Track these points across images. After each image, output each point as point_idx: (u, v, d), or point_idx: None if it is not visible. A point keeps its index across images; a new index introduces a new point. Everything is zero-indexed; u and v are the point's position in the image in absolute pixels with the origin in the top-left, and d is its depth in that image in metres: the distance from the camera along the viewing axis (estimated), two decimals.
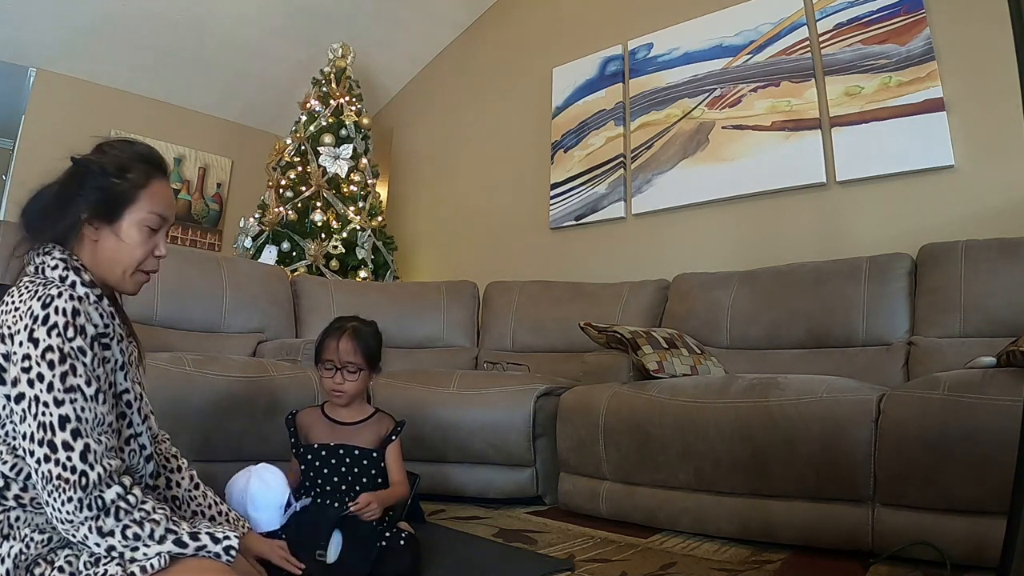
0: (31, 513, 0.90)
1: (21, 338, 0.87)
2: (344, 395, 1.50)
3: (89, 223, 0.98)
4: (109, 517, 0.86)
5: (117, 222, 0.99)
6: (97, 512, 0.86)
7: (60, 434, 0.85)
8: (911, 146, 2.52)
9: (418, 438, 2.15)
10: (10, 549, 0.84)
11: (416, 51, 4.60)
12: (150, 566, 0.87)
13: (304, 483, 1.47)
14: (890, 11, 2.64)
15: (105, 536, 0.86)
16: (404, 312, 3.04)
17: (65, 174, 0.99)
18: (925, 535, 1.38)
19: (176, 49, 4.05)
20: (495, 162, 4.08)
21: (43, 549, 0.87)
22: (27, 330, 0.87)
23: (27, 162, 3.85)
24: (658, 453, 1.82)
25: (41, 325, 0.87)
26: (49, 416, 0.85)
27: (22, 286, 0.93)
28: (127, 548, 0.86)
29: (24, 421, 0.85)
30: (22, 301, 0.90)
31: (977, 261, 2.09)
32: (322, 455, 1.47)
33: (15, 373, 0.86)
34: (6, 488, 0.89)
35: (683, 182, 3.15)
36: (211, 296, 2.63)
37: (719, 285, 2.62)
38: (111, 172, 0.99)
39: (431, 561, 1.43)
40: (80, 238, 0.98)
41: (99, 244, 0.99)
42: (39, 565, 0.86)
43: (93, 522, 0.85)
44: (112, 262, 1.00)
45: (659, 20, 3.39)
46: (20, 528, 0.88)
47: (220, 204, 4.70)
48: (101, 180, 0.98)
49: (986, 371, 1.45)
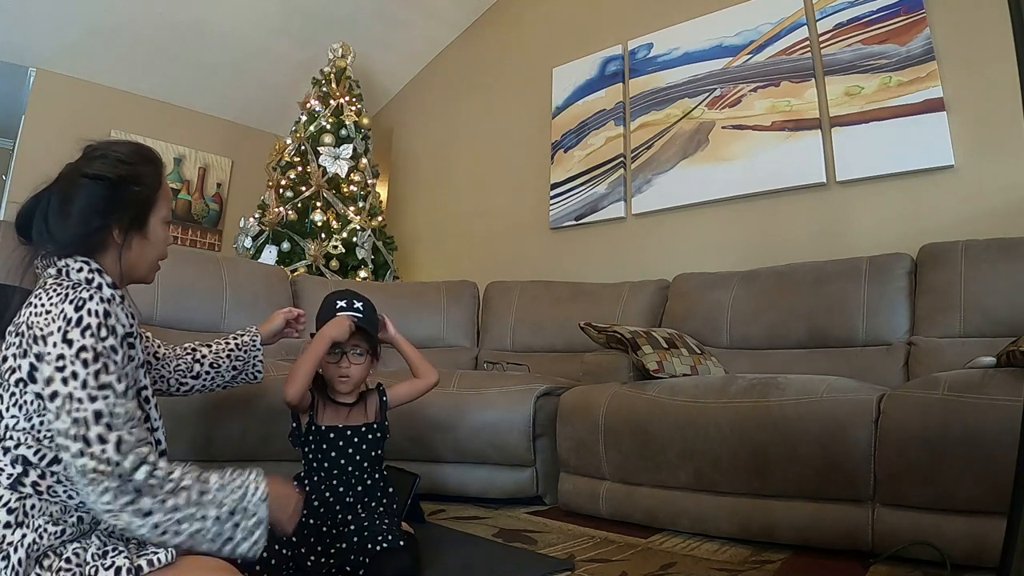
0: (46, 502, 0.92)
1: (55, 339, 0.90)
2: (350, 380, 1.51)
3: (118, 232, 1.03)
4: (144, 498, 0.89)
5: (144, 227, 1.06)
6: (133, 496, 0.89)
7: (95, 428, 0.88)
8: (911, 146, 2.52)
9: (418, 438, 2.15)
10: (23, 538, 0.86)
11: (416, 51, 4.60)
12: (160, 559, 0.89)
13: (312, 464, 1.48)
14: (890, 11, 2.64)
15: (147, 516, 0.89)
16: (404, 312, 3.04)
17: (80, 187, 1.00)
18: (925, 535, 1.38)
19: (176, 49, 4.05)
20: (495, 162, 4.08)
21: (55, 541, 0.89)
22: (61, 331, 0.90)
23: (27, 162, 3.85)
24: (658, 453, 1.82)
25: (75, 327, 0.90)
26: (84, 412, 0.88)
27: (49, 289, 0.95)
28: (171, 521, 0.90)
29: (59, 418, 0.88)
30: (53, 304, 0.92)
31: (977, 261, 2.09)
32: (331, 437, 1.47)
33: (49, 372, 0.89)
34: (24, 474, 0.91)
35: (683, 182, 3.15)
36: (211, 296, 2.63)
37: (719, 285, 2.62)
38: (131, 181, 1.04)
39: (431, 561, 1.43)
40: (104, 247, 1.03)
41: (128, 247, 1.04)
42: (48, 557, 0.88)
43: (131, 506, 0.89)
44: (142, 260, 1.08)
45: (659, 20, 3.39)
46: (35, 517, 0.89)
47: (220, 204, 4.70)
48: (125, 192, 1.03)
49: (986, 371, 1.45)
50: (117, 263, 1.04)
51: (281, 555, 1.28)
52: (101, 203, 1.00)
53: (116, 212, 1.02)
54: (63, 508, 0.93)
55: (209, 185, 4.65)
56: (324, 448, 1.47)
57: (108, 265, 1.03)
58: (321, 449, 1.47)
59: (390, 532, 1.32)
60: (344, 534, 1.36)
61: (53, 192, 1.00)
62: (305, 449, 1.49)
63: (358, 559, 1.30)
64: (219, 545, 0.94)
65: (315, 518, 1.39)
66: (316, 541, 1.35)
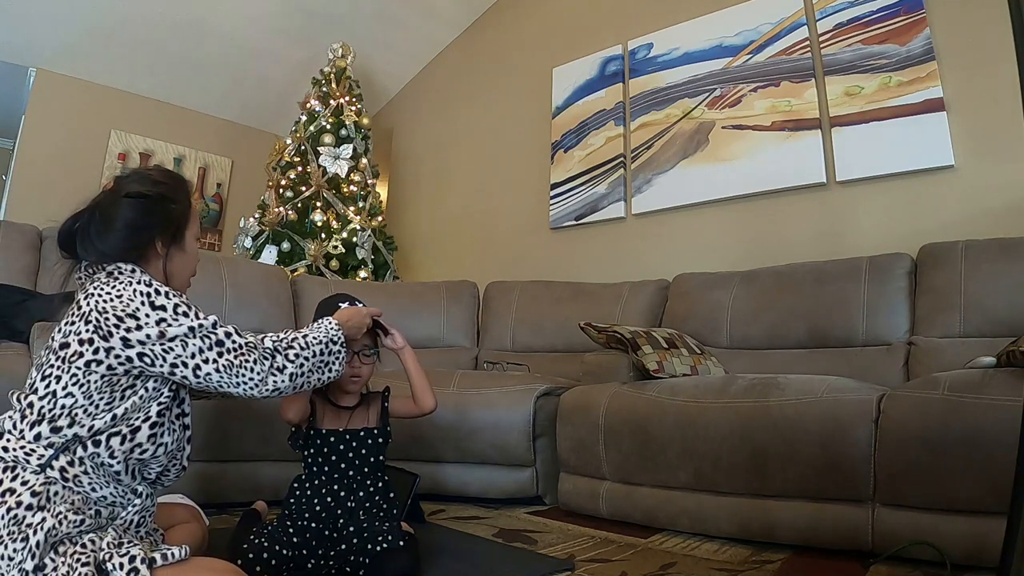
0: (69, 490, 0.96)
1: (144, 311, 1.02)
2: (360, 380, 1.51)
3: (161, 244, 1.13)
4: (278, 356, 1.13)
5: (182, 240, 1.17)
6: (271, 359, 1.12)
7: (219, 332, 1.08)
8: (911, 146, 2.52)
9: (418, 438, 2.15)
10: (43, 521, 0.88)
11: (416, 51, 4.60)
12: (174, 554, 0.92)
13: (312, 468, 1.47)
14: (890, 11, 2.64)
15: (282, 371, 1.13)
16: (404, 312, 3.04)
17: (122, 205, 1.09)
18: (925, 535, 1.38)
19: (176, 49, 4.05)
20: (495, 162, 4.08)
21: (73, 530, 0.91)
22: (146, 304, 1.03)
23: (27, 162, 3.85)
24: (658, 453, 1.82)
25: (156, 295, 1.04)
26: (204, 330, 1.06)
27: (106, 283, 1.04)
28: (296, 366, 1.15)
29: (187, 348, 1.04)
30: (120, 291, 1.03)
31: (977, 261, 2.09)
32: (331, 441, 1.46)
33: (154, 332, 1.01)
34: (55, 458, 0.96)
35: (683, 182, 3.15)
36: (211, 296, 2.63)
37: (719, 285, 2.62)
38: (169, 199, 1.14)
39: (431, 561, 1.43)
40: (148, 258, 1.13)
41: (169, 260, 1.15)
42: (64, 544, 0.90)
43: (273, 367, 1.12)
44: (181, 271, 1.19)
45: (659, 20, 3.39)
46: (56, 503, 0.93)
47: (220, 204, 4.70)
48: (164, 208, 1.13)
49: (986, 371, 1.45)
50: (161, 273, 1.13)
51: (282, 556, 1.28)
52: (144, 218, 1.10)
53: (158, 226, 1.12)
54: (84, 499, 0.97)
55: (209, 185, 4.65)
56: (325, 452, 1.46)
57: (153, 275, 1.10)
58: (322, 453, 1.46)
59: (390, 532, 1.32)
60: (344, 536, 1.36)
61: (95, 211, 1.09)
62: (305, 452, 1.48)
63: (358, 559, 1.30)
64: (324, 373, 1.22)
65: (316, 522, 1.38)
66: (317, 544, 1.35)
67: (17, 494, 0.90)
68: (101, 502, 1.00)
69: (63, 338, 1.01)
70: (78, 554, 0.88)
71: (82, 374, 0.99)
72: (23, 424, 0.97)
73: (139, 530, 1.07)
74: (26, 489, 0.91)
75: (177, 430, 1.12)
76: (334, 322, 1.27)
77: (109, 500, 1.02)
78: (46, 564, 0.86)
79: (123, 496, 1.04)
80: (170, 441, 1.09)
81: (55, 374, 0.99)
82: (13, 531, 0.87)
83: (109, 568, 0.88)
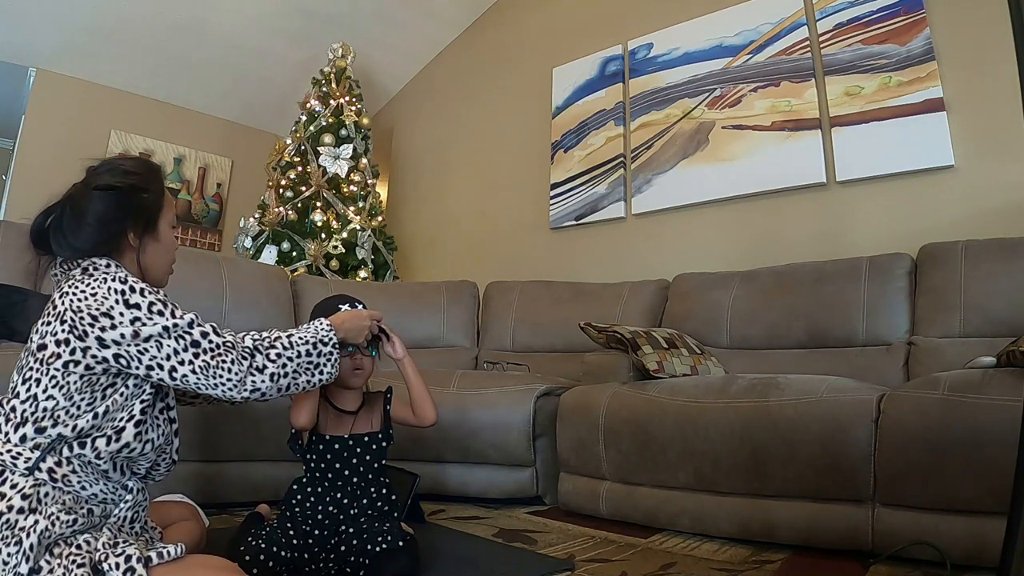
0: (59, 490, 0.95)
1: (119, 309, 0.99)
2: (364, 372, 1.50)
3: (133, 236, 1.10)
4: (258, 355, 1.09)
5: (155, 230, 1.14)
6: (250, 358, 1.08)
7: (193, 334, 1.03)
8: (911, 146, 2.52)
9: (418, 438, 2.14)
10: (35, 524, 0.88)
11: (416, 51, 4.60)
12: (170, 552, 0.92)
13: (314, 474, 1.45)
14: (890, 11, 2.64)
15: (262, 372, 1.08)
16: (404, 312, 3.04)
17: (92, 199, 1.07)
18: (925, 535, 1.38)
19: (176, 49, 4.05)
20: (495, 162, 4.08)
21: (67, 530, 0.91)
22: (120, 302, 1.00)
23: (27, 162, 3.85)
24: (658, 453, 1.82)
25: (131, 293, 1.01)
26: (180, 330, 1.02)
27: (80, 280, 1.01)
28: (278, 366, 1.10)
29: (161, 350, 1.01)
30: (95, 288, 1.00)
31: (977, 261, 2.09)
32: (335, 448, 1.45)
33: (128, 331, 0.99)
34: (42, 460, 0.95)
35: (683, 182, 3.15)
36: (211, 296, 2.63)
37: (719, 285, 2.62)
38: (140, 189, 1.11)
39: (431, 561, 1.43)
40: (121, 250, 1.10)
41: (143, 250, 1.12)
42: (58, 546, 0.90)
43: (253, 367, 1.07)
44: (157, 262, 1.15)
45: (659, 20, 3.39)
46: (48, 504, 0.92)
47: (220, 204, 4.70)
48: (135, 199, 1.10)
49: (986, 371, 1.45)
50: (135, 264, 1.11)
51: (279, 558, 1.28)
52: (115, 210, 1.07)
53: (129, 217, 1.09)
54: (75, 498, 0.97)
55: (209, 185, 4.65)
56: (328, 459, 1.44)
57: (127, 268, 1.08)
58: (325, 459, 1.44)
59: (390, 533, 1.32)
60: (344, 537, 1.36)
61: (66, 206, 1.07)
62: (307, 457, 1.47)
63: (358, 560, 1.30)
64: (314, 375, 1.16)
65: (318, 528, 1.37)
66: (318, 549, 1.34)
67: (7, 498, 0.89)
68: (92, 500, 1.00)
69: (40, 339, 0.99)
70: (73, 555, 0.88)
71: (61, 376, 0.97)
72: (7, 427, 0.96)
73: (134, 526, 1.07)
74: (16, 492, 0.90)
75: (163, 424, 1.11)
76: (326, 323, 1.23)
77: (100, 497, 1.01)
78: (42, 567, 0.86)
79: (114, 492, 1.04)
80: (156, 436, 1.09)
81: (35, 377, 0.98)
82: (6, 536, 0.86)
83: (105, 568, 0.88)
